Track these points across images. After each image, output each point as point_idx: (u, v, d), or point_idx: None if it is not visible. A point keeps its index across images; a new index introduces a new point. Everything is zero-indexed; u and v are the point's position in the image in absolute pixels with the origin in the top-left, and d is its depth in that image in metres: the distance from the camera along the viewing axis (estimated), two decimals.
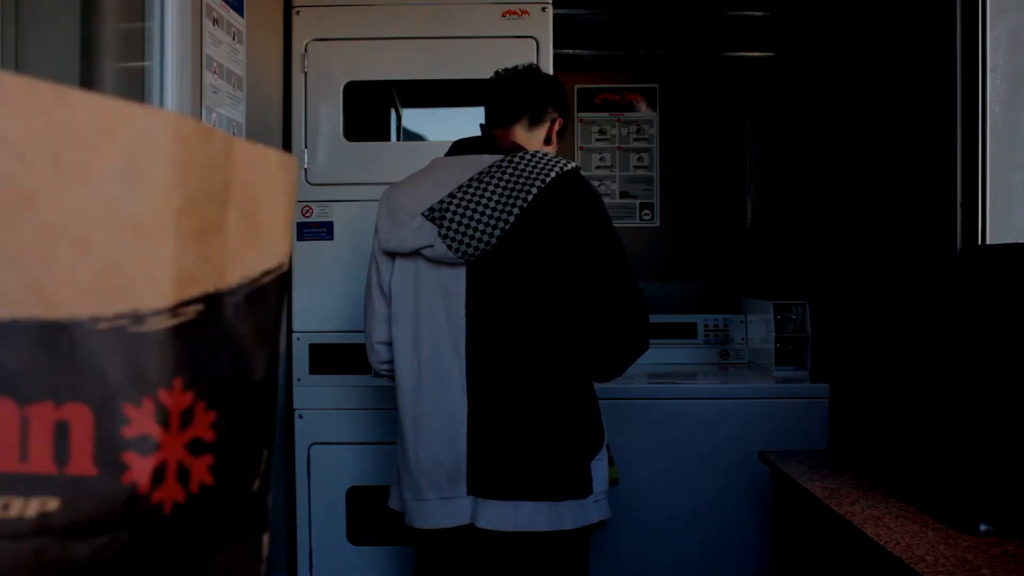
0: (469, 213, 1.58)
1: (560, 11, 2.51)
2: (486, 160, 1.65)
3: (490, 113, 1.81)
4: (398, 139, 3.12)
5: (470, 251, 1.58)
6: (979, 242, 1.86)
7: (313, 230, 2.39)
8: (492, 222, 1.57)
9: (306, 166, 2.39)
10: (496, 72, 1.83)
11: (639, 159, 3.23)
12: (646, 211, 3.21)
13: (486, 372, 1.61)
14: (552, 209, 1.59)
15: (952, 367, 1.88)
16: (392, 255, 1.68)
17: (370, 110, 2.92)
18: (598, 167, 3.24)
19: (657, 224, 3.20)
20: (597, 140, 3.24)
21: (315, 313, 2.40)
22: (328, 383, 2.39)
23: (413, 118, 3.17)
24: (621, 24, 3.14)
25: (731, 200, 3.23)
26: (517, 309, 1.61)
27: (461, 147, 1.74)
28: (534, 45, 2.38)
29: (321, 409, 2.39)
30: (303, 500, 2.39)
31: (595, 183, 3.22)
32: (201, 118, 1.84)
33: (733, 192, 3.23)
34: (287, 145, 2.41)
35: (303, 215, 2.39)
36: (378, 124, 3.08)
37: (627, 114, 3.23)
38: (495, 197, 1.58)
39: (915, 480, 1.66)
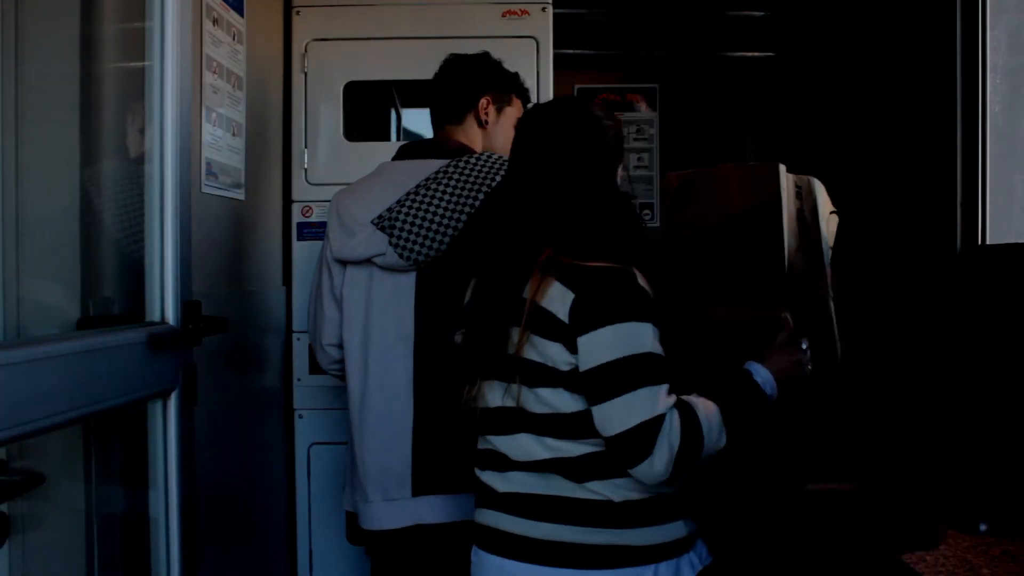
0: (419, 221, 1.59)
1: (560, 11, 2.50)
2: (432, 165, 1.67)
3: (431, 113, 1.83)
4: (398, 139, 3.12)
5: (420, 257, 1.60)
6: (979, 242, 1.86)
7: (313, 230, 2.39)
8: (442, 228, 1.59)
9: (306, 166, 2.39)
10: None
11: (639, 159, 3.23)
12: (646, 211, 3.21)
13: (434, 376, 1.62)
14: None
15: (951, 366, 1.88)
16: (344, 263, 1.69)
17: (370, 110, 2.92)
18: None
19: (657, 224, 3.20)
20: None
21: None
22: (328, 383, 2.38)
23: (413, 118, 3.17)
24: (621, 24, 3.14)
25: None
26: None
27: (408, 151, 1.76)
28: (534, 45, 2.37)
29: (321, 409, 2.39)
30: (303, 500, 2.39)
31: None
32: (201, 118, 1.84)
33: None
34: (287, 145, 2.41)
35: (303, 215, 2.38)
36: (378, 124, 3.07)
37: (627, 114, 3.23)
38: (444, 202, 1.60)
39: (915, 479, 1.66)
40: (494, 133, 1.81)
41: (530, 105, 1.85)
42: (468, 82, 1.79)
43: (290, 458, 2.40)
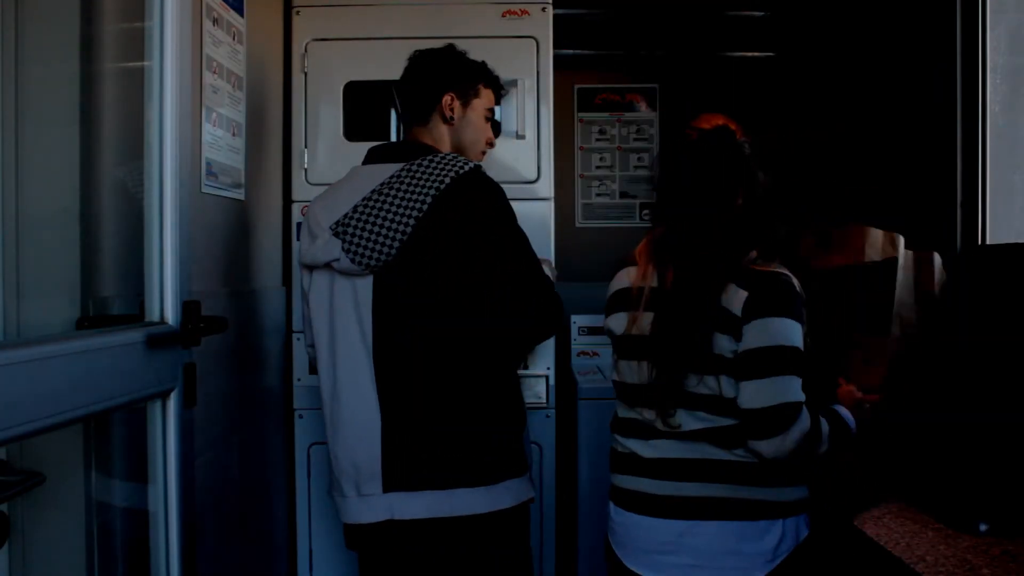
0: (369, 226, 1.62)
1: (560, 11, 2.50)
2: (390, 170, 1.69)
3: (401, 114, 1.87)
4: (398, 139, 3.12)
5: (372, 263, 1.62)
6: (979, 242, 1.86)
7: None
8: (391, 233, 1.61)
9: (306, 166, 2.39)
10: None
11: (639, 159, 3.23)
12: (646, 211, 3.21)
13: (396, 375, 1.65)
14: (449, 213, 1.62)
15: (952, 366, 1.88)
16: (308, 267, 1.74)
17: (370, 110, 2.92)
18: (598, 167, 3.24)
19: None
20: (597, 140, 3.24)
21: None
22: None
23: None
24: (621, 24, 3.14)
25: None
26: (421, 313, 1.65)
27: (373, 155, 1.79)
28: (534, 45, 2.38)
29: (321, 409, 2.39)
30: (303, 500, 2.39)
31: (595, 183, 3.22)
32: (201, 118, 1.84)
33: None
34: (287, 145, 2.41)
35: (303, 215, 2.38)
36: (378, 124, 3.07)
37: (627, 114, 3.23)
38: (393, 208, 1.62)
39: (915, 480, 1.66)
40: (462, 128, 1.82)
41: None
42: (429, 81, 1.79)
43: (290, 458, 2.40)
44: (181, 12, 1.38)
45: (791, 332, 1.40)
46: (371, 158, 1.77)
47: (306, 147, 2.39)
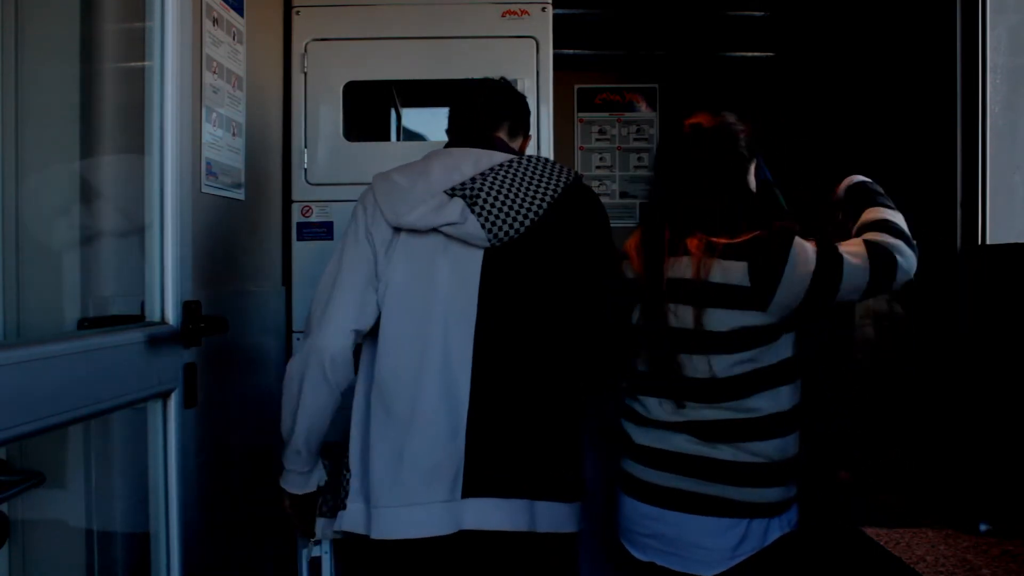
0: (503, 197, 1.53)
1: (560, 11, 2.51)
2: (497, 156, 1.63)
3: (469, 118, 1.71)
4: (398, 139, 3.12)
5: (501, 234, 1.53)
6: (979, 242, 1.86)
7: (313, 230, 2.39)
8: (524, 209, 1.54)
9: (306, 166, 2.39)
10: (467, 80, 1.78)
11: (639, 159, 3.23)
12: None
13: (493, 364, 1.51)
14: (573, 209, 1.62)
15: (952, 366, 1.88)
16: (397, 234, 1.56)
17: (370, 110, 2.92)
18: (598, 167, 3.23)
19: None
20: (597, 140, 3.24)
21: None
22: None
23: (413, 118, 3.17)
24: (621, 24, 3.14)
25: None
26: (530, 299, 1.55)
27: (465, 141, 1.69)
28: (534, 45, 2.38)
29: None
30: None
31: (595, 183, 3.23)
32: (201, 118, 1.84)
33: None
34: (287, 145, 2.41)
35: (303, 215, 2.38)
36: (378, 124, 3.07)
37: (627, 114, 3.23)
38: (524, 186, 1.56)
39: (915, 480, 1.66)
40: None
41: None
42: (527, 116, 1.79)
43: None
44: (181, 12, 1.38)
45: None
46: (462, 143, 1.68)
47: (306, 147, 2.39)
